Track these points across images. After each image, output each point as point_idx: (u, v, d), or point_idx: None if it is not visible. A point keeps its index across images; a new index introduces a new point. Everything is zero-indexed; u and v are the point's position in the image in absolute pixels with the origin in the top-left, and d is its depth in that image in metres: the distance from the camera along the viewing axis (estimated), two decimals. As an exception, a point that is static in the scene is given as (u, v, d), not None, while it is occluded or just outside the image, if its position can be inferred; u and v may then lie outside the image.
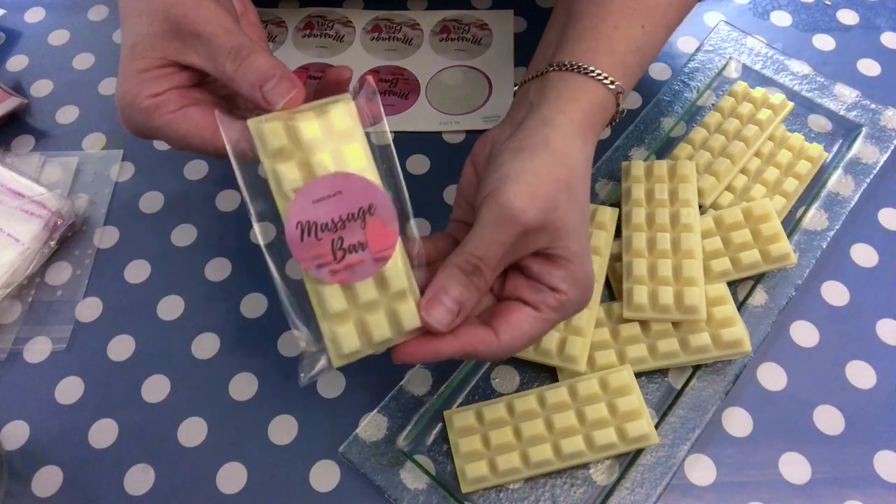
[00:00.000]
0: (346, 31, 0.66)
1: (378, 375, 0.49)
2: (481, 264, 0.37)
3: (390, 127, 0.60)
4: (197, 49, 0.38)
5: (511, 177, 0.37)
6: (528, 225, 0.36)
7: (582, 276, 0.39)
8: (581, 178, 0.39)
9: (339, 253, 0.35)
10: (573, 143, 0.39)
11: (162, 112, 0.38)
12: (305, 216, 0.35)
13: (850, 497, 0.45)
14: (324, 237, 0.35)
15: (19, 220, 0.54)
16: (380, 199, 0.36)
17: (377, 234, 0.36)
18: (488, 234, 0.37)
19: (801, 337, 0.50)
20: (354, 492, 0.46)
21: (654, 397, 0.48)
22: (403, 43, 0.65)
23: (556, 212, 0.37)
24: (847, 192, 0.54)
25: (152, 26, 0.38)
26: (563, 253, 0.38)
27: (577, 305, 0.39)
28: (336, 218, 0.35)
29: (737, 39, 0.61)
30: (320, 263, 0.35)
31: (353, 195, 0.35)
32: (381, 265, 0.36)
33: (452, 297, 0.37)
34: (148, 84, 0.38)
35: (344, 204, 0.35)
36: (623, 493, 0.44)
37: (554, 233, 0.37)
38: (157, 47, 0.38)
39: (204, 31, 0.37)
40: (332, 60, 0.64)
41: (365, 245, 0.36)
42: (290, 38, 0.66)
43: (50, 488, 0.46)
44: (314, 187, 0.35)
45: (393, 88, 0.63)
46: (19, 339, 0.52)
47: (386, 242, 0.36)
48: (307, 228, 0.35)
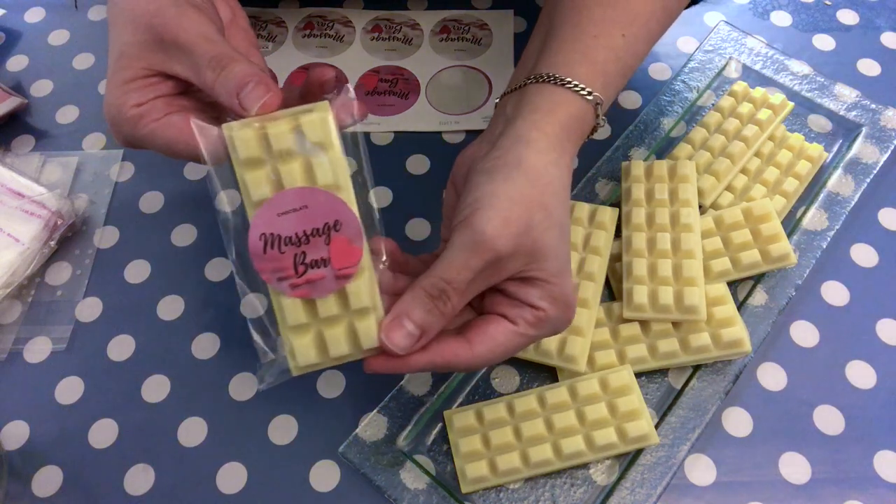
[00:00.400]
0: (346, 31, 0.66)
1: (378, 376, 0.49)
2: (449, 289, 0.36)
3: (390, 127, 0.60)
4: (179, 59, 0.38)
5: (484, 202, 0.36)
6: (501, 251, 0.36)
7: (560, 294, 0.38)
8: (556, 194, 0.38)
9: (300, 268, 0.35)
10: (548, 157, 0.38)
11: (146, 121, 0.38)
12: (269, 229, 0.35)
13: (850, 497, 0.45)
14: (287, 251, 0.35)
15: (19, 220, 0.54)
16: (346, 216, 0.35)
17: (341, 250, 0.36)
18: (458, 259, 0.36)
19: (801, 337, 0.50)
20: (354, 492, 0.46)
21: (654, 397, 0.48)
22: (403, 43, 0.65)
23: (531, 235, 0.36)
24: (847, 192, 0.54)
25: (136, 36, 0.38)
26: (540, 275, 0.37)
27: (556, 323, 0.38)
28: (300, 232, 0.35)
29: (737, 39, 0.61)
30: (281, 277, 0.35)
31: (319, 210, 0.35)
32: (342, 283, 0.35)
33: (414, 322, 0.36)
34: (133, 94, 0.38)
35: (309, 218, 0.35)
36: (623, 493, 0.44)
37: (529, 255, 0.37)
38: (141, 57, 0.38)
39: (185, 41, 0.37)
40: (333, 60, 0.64)
41: (328, 261, 0.35)
42: (290, 38, 0.66)
43: (50, 488, 0.46)
44: (281, 200, 0.35)
45: (393, 88, 0.63)
46: (19, 339, 0.52)
47: (349, 260, 0.36)
48: (270, 241, 0.35)
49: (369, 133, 0.60)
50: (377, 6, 0.67)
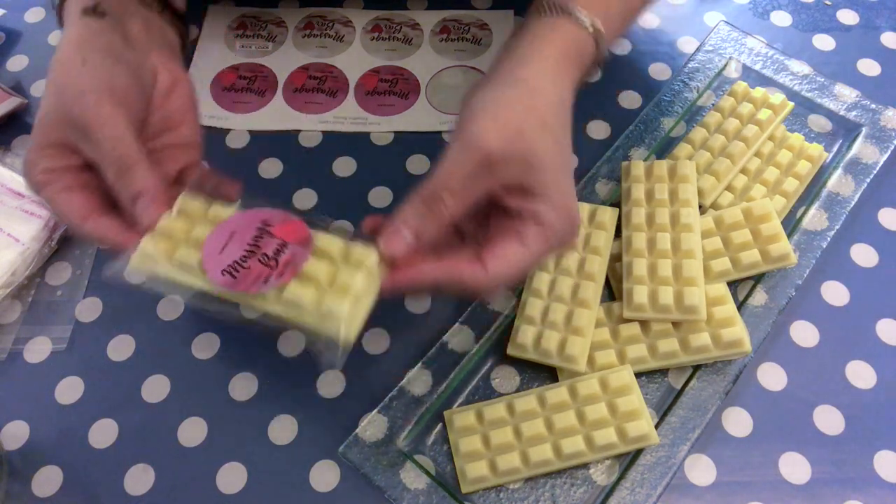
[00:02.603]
0: (346, 30, 0.66)
1: (378, 375, 0.49)
2: (443, 192, 0.37)
3: (390, 127, 0.60)
4: (87, 146, 0.39)
5: (477, 108, 0.37)
6: (492, 152, 0.36)
7: (562, 205, 0.38)
8: (552, 106, 0.39)
9: (271, 262, 0.37)
10: (546, 75, 0.39)
11: (49, 190, 0.40)
12: (223, 263, 0.37)
13: (850, 497, 0.45)
14: (250, 263, 0.37)
15: (19, 220, 0.54)
16: (265, 213, 0.39)
17: (287, 231, 0.38)
18: (451, 163, 0.37)
19: (801, 337, 0.50)
20: (354, 492, 0.46)
21: (654, 397, 0.48)
22: (403, 43, 0.65)
23: (523, 139, 0.37)
24: (847, 192, 0.54)
25: (57, 108, 0.40)
26: (537, 186, 0.37)
27: (562, 236, 0.38)
28: (246, 246, 0.38)
29: (737, 39, 0.61)
30: (264, 279, 0.37)
31: (244, 227, 0.38)
32: (310, 246, 0.37)
33: (409, 226, 0.37)
34: (45, 159, 0.40)
35: (243, 235, 0.38)
36: (623, 493, 0.44)
37: (524, 164, 0.37)
38: (57, 128, 0.40)
39: (95, 134, 0.39)
40: (333, 60, 0.64)
41: (285, 243, 0.38)
42: (290, 38, 0.66)
43: (50, 488, 0.46)
44: (211, 244, 0.38)
45: (393, 88, 0.63)
46: (19, 339, 0.52)
47: (299, 231, 0.38)
48: (232, 268, 0.37)
49: (369, 133, 0.60)
50: (377, 6, 0.67)
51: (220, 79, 0.64)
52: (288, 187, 0.58)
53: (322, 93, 0.63)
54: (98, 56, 0.41)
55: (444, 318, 0.50)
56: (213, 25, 0.67)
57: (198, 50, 0.65)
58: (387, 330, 0.51)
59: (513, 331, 0.49)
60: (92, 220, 0.39)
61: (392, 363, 0.49)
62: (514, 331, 0.48)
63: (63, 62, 0.41)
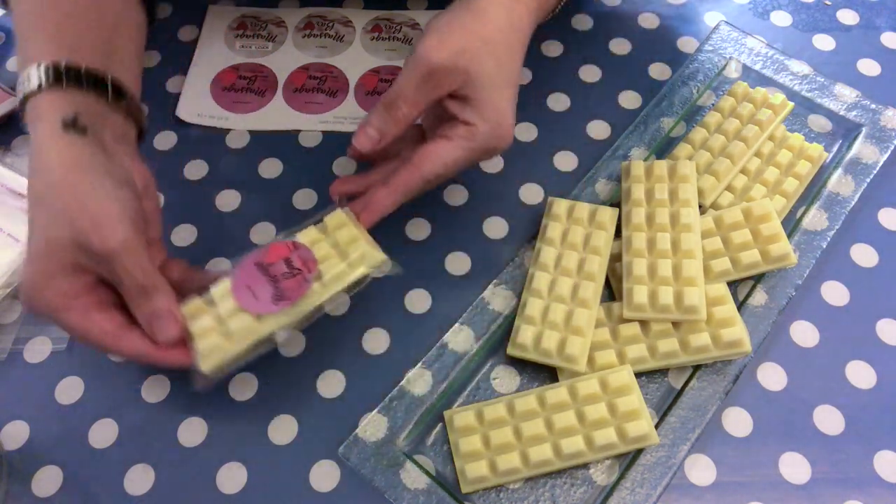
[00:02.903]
0: (346, 30, 0.66)
1: (378, 375, 0.49)
2: (398, 99, 0.45)
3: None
4: (106, 268, 0.40)
5: (431, 29, 0.45)
6: (435, 64, 0.43)
7: (492, 111, 0.45)
8: (501, 31, 0.45)
9: (294, 271, 0.44)
10: (501, 4, 0.45)
11: (70, 314, 0.40)
12: (268, 300, 0.43)
13: (850, 497, 0.45)
14: (284, 284, 0.44)
15: (19, 220, 0.54)
16: (249, 259, 0.44)
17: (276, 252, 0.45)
18: (404, 75, 0.45)
19: (801, 337, 0.50)
20: (354, 492, 0.46)
21: (654, 397, 0.48)
22: (404, 43, 0.65)
23: (465, 56, 0.43)
24: (847, 192, 0.54)
25: (72, 235, 0.40)
26: (472, 93, 0.44)
27: (488, 138, 0.45)
28: (267, 281, 0.44)
29: (737, 39, 0.61)
30: (304, 280, 0.44)
31: (249, 276, 0.44)
32: (300, 246, 0.45)
33: (373, 126, 0.45)
34: (58, 282, 0.40)
35: (255, 280, 0.44)
36: (623, 493, 0.44)
37: (464, 75, 0.44)
38: (71, 254, 0.40)
39: (118, 263, 0.40)
40: (333, 60, 0.64)
41: (287, 257, 0.44)
42: (291, 38, 0.66)
43: (50, 488, 0.46)
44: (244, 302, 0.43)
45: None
46: (19, 339, 0.52)
47: (282, 246, 0.45)
48: (277, 296, 0.43)
49: None
50: (377, 6, 0.67)
51: (220, 79, 0.64)
52: (288, 187, 0.58)
53: (322, 93, 0.63)
54: (104, 180, 0.41)
55: (444, 318, 0.50)
56: (212, 25, 0.67)
57: (198, 50, 0.65)
58: (387, 330, 0.51)
59: (513, 331, 0.49)
60: (126, 340, 0.41)
61: (392, 363, 0.49)
62: (514, 331, 0.48)
63: (66, 187, 0.40)
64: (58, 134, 0.42)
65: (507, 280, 0.51)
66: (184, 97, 0.62)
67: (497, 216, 0.56)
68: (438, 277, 0.53)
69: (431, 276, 0.53)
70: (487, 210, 0.56)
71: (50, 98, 0.42)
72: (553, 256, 0.51)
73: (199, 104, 0.62)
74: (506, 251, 0.54)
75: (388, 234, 0.55)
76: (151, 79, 0.64)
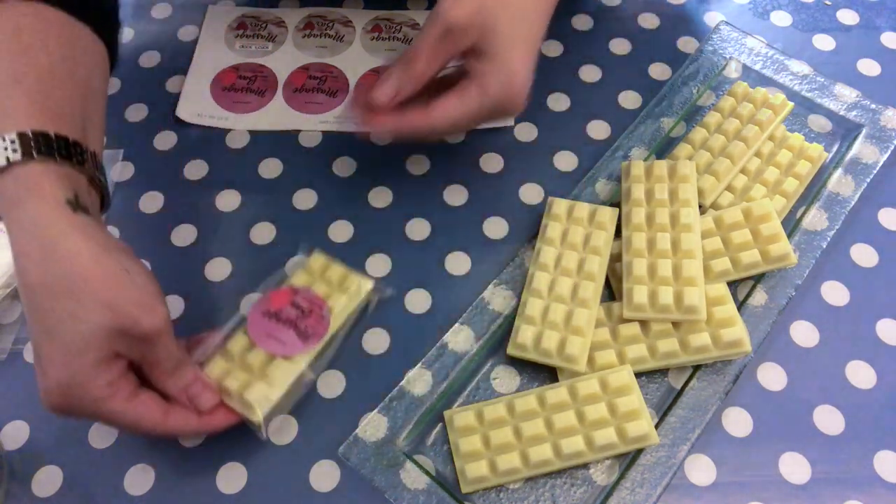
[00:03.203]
0: (346, 30, 0.66)
1: (378, 375, 0.49)
2: (416, 56, 0.46)
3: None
4: (146, 349, 0.40)
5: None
6: (451, 21, 0.44)
7: (503, 66, 0.46)
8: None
9: (306, 308, 0.47)
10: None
11: (117, 400, 0.39)
12: (295, 340, 0.46)
13: (850, 497, 0.45)
14: (303, 323, 0.47)
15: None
16: (256, 310, 0.47)
17: (281, 298, 0.48)
18: (423, 33, 0.46)
19: (801, 337, 0.50)
20: (354, 492, 0.46)
21: (654, 397, 0.48)
22: (404, 43, 0.65)
23: (482, 13, 0.44)
24: (847, 192, 0.54)
25: (113, 322, 0.38)
26: (488, 49, 0.45)
27: (499, 94, 0.46)
28: (285, 325, 0.47)
29: (737, 39, 0.61)
30: (323, 313, 0.47)
31: (266, 326, 0.47)
32: (298, 288, 0.48)
33: (392, 80, 0.47)
34: (103, 373, 0.39)
35: (272, 328, 0.47)
36: (623, 493, 0.44)
37: (480, 32, 0.45)
38: (114, 341, 0.39)
39: (158, 343, 0.40)
40: (333, 60, 0.64)
41: (292, 299, 0.48)
42: (291, 38, 0.66)
43: (50, 488, 0.46)
44: (271, 348, 0.46)
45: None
46: (19, 339, 0.52)
47: (283, 292, 0.48)
48: (302, 334, 0.46)
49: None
50: (377, 6, 0.67)
51: (220, 79, 0.64)
52: (288, 187, 0.58)
53: (322, 93, 0.63)
54: (128, 261, 0.40)
55: (444, 318, 0.50)
56: (212, 25, 0.67)
57: (197, 50, 0.65)
58: (386, 330, 0.51)
59: (513, 331, 0.49)
60: (172, 417, 0.42)
61: (392, 363, 0.50)
62: (514, 331, 0.48)
63: (100, 274, 0.38)
64: (67, 214, 0.38)
65: (507, 280, 0.51)
66: (184, 97, 0.62)
67: (497, 216, 0.56)
68: (438, 277, 0.53)
69: (431, 276, 0.53)
70: (487, 210, 0.56)
71: (41, 171, 0.38)
72: (553, 256, 0.51)
73: (199, 104, 0.62)
74: (506, 251, 0.54)
75: (388, 233, 0.55)
76: (151, 79, 0.64)
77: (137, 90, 0.64)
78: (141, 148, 0.60)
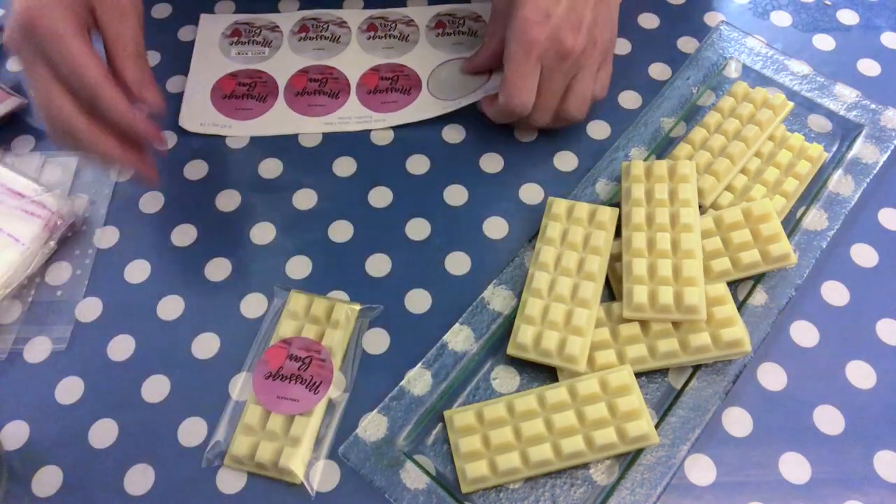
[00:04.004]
0: (341, 31, 0.66)
1: (378, 375, 0.49)
2: (486, 36, 0.59)
3: (396, 121, 0.60)
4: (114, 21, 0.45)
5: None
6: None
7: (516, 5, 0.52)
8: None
9: (306, 358, 0.49)
10: None
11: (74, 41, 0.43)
12: (308, 394, 0.47)
13: (850, 497, 0.45)
14: (306, 373, 0.48)
15: (19, 220, 0.54)
16: (258, 372, 0.48)
17: (275, 355, 0.49)
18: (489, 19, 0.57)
19: (801, 337, 0.50)
20: (354, 492, 0.46)
21: (654, 397, 0.48)
22: (400, 40, 0.65)
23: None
24: (847, 192, 0.54)
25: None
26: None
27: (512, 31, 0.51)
28: (290, 381, 0.48)
29: (737, 39, 0.61)
30: (323, 361, 0.49)
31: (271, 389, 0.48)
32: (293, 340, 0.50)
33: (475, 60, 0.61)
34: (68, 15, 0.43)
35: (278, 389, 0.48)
36: (623, 493, 0.44)
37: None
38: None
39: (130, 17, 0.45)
40: (331, 62, 0.64)
41: (287, 354, 0.49)
42: (287, 42, 0.66)
43: (50, 488, 0.46)
44: (284, 408, 0.47)
45: (394, 85, 0.63)
46: (19, 339, 0.52)
47: (277, 350, 0.49)
48: (312, 386, 0.48)
49: (370, 131, 0.60)
50: (373, 5, 0.67)
51: (219, 87, 0.63)
52: (288, 187, 0.58)
53: (324, 95, 0.62)
54: None
55: (444, 318, 0.50)
56: (206, 34, 0.66)
57: (194, 59, 0.65)
58: (387, 330, 0.51)
59: (513, 331, 0.49)
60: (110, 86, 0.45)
61: (392, 362, 0.50)
62: (514, 331, 0.48)
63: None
64: None
65: (507, 280, 0.51)
66: (185, 106, 0.62)
67: (497, 216, 0.56)
68: (438, 277, 0.53)
69: (431, 276, 0.53)
70: (487, 210, 0.56)
71: None
72: (553, 256, 0.51)
73: (200, 113, 0.62)
74: (506, 251, 0.54)
75: (388, 233, 0.55)
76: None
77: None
78: (141, 148, 0.60)
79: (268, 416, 0.47)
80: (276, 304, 0.52)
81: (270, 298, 0.52)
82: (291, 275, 0.53)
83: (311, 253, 0.54)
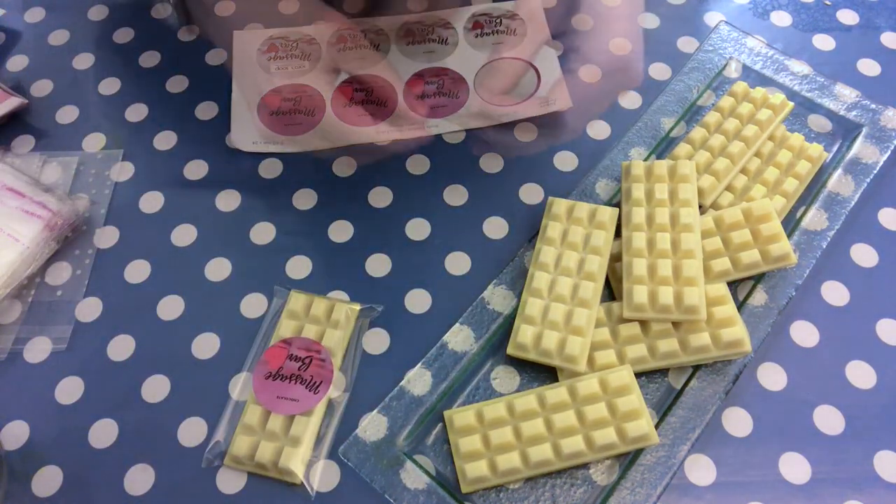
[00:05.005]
0: (379, 39, 0.64)
1: (378, 375, 0.49)
2: None
3: (454, 126, 0.60)
4: None
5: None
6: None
7: None
8: None
9: (305, 357, 0.49)
10: None
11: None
12: (308, 394, 0.47)
13: (850, 497, 0.45)
14: (306, 373, 0.48)
15: (19, 220, 0.54)
16: (258, 373, 0.48)
17: (275, 355, 0.49)
18: None
19: (801, 337, 0.50)
20: (354, 492, 0.46)
21: (654, 397, 0.48)
22: (439, 43, 0.64)
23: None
24: (847, 192, 0.54)
25: None
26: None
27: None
28: (290, 381, 0.48)
29: (737, 39, 0.61)
30: (322, 360, 0.48)
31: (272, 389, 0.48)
32: (293, 340, 0.50)
33: None
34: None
35: (278, 388, 0.48)
36: (623, 493, 0.44)
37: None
38: None
39: None
40: (375, 70, 0.63)
41: (288, 354, 0.49)
42: (325, 54, 0.63)
43: (50, 488, 0.46)
44: (286, 409, 0.47)
45: (441, 89, 0.62)
46: (19, 339, 0.52)
47: (277, 350, 0.49)
48: (312, 386, 0.48)
49: (437, 136, 0.60)
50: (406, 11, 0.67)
51: (265, 103, 0.61)
52: (288, 187, 0.58)
53: (372, 104, 0.61)
54: None
55: (444, 318, 0.50)
56: (242, 51, 0.65)
57: (234, 79, 0.63)
58: (387, 330, 0.51)
59: (513, 331, 0.49)
60: None
61: (392, 363, 0.50)
62: (514, 331, 0.48)
63: None
64: None
65: (507, 280, 0.51)
66: (234, 127, 0.60)
67: (497, 216, 0.56)
68: (438, 277, 0.53)
69: (431, 276, 0.53)
70: (487, 210, 0.56)
71: None
72: (553, 256, 0.51)
73: (251, 132, 0.60)
74: (506, 251, 0.54)
75: (388, 233, 0.55)
76: (151, 79, 0.64)
77: (137, 90, 0.64)
78: (141, 148, 0.60)
79: (268, 416, 0.47)
80: (276, 304, 0.52)
81: (270, 298, 0.52)
82: (291, 275, 0.53)
83: (311, 253, 0.54)
